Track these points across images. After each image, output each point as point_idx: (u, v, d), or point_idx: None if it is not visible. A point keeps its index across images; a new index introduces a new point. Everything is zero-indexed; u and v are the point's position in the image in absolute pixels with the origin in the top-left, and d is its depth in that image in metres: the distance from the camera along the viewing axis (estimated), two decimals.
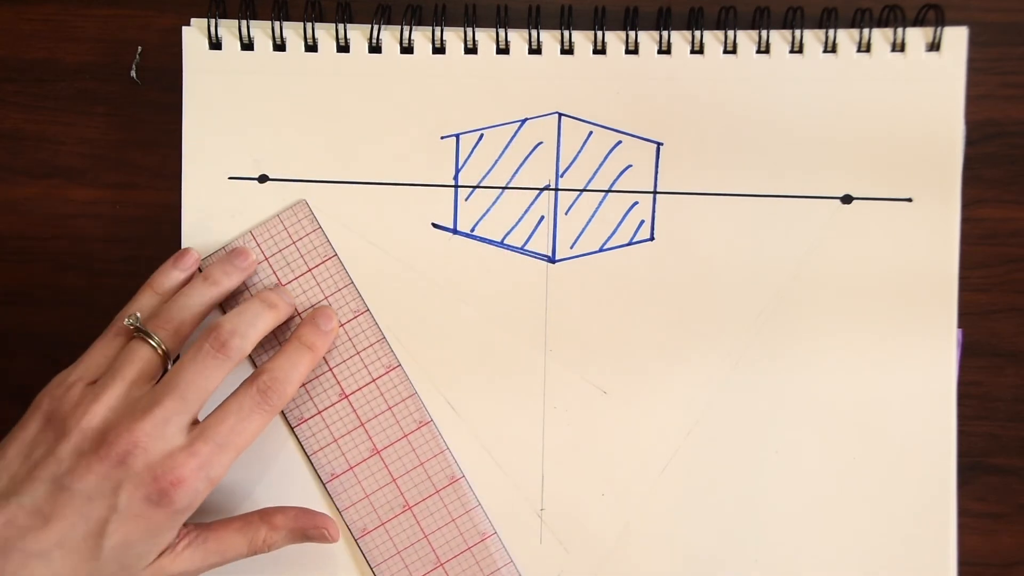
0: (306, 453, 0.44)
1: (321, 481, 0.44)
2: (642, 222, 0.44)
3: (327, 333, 0.43)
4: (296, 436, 0.44)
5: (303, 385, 0.44)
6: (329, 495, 0.44)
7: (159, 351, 0.40)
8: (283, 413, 0.44)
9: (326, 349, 0.43)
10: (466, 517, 0.44)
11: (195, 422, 0.39)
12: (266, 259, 0.44)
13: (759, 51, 0.44)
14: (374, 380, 0.44)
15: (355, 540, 0.44)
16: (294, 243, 0.44)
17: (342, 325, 0.44)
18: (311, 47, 0.44)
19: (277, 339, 0.44)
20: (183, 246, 0.44)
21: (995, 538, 0.45)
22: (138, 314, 0.41)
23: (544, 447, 0.44)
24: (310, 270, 0.44)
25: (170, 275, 0.43)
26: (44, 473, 0.37)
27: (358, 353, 0.44)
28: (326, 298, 0.44)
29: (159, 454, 0.38)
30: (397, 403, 0.44)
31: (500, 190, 0.44)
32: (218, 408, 0.40)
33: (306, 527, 0.42)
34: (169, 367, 0.40)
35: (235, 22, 0.44)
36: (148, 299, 0.42)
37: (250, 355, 0.44)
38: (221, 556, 0.40)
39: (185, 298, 0.41)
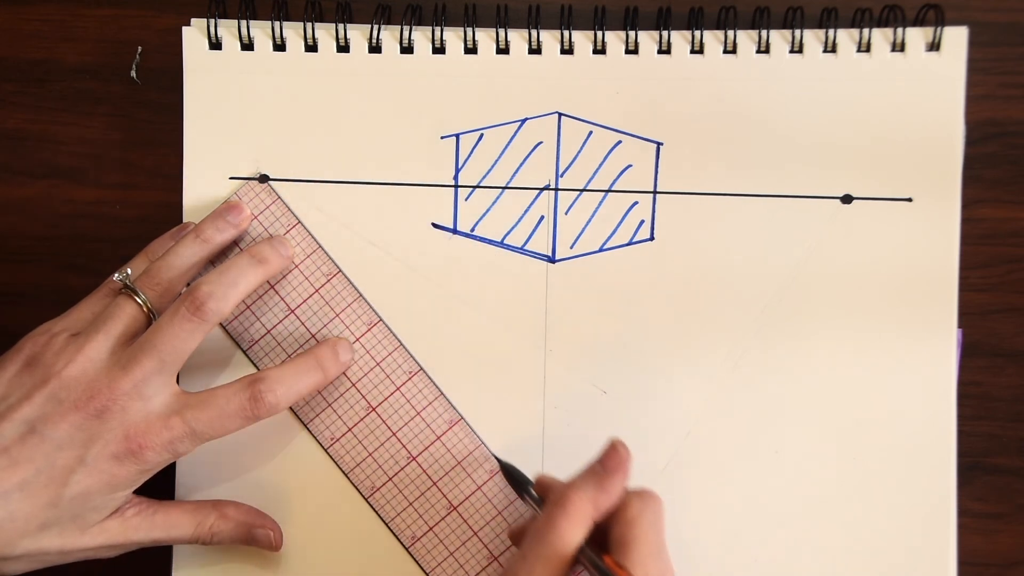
0: (302, 422, 0.44)
1: (322, 448, 0.44)
2: (642, 222, 0.44)
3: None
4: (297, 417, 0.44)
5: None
6: (333, 460, 0.44)
7: (144, 309, 0.40)
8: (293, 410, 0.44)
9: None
10: (471, 457, 0.44)
11: (176, 381, 0.39)
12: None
13: (759, 51, 0.43)
14: (358, 339, 0.44)
15: (365, 499, 0.44)
16: (255, 217, 0.44)
17: (316, 291, 0.44)
18: (311, 47, 0.44)
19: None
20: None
21: (995, 538, 0.45)
22: (129, 271, 0.41)
23: (544, 447, 0.44)
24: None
25: (166, 245, 0.43)
26: (17, 415, 0.37)
27: (337, 315, 0.44)
28: (296, 266, 0.44)
29: (135, 414, 0.38)
30: (384, 358, 0.44)
31: (500, 190, 0.44)
32: (208, 395, 0.39)
33: (254, 524, 0.42)
34: None
35: (235, 22, 0.44)
36: (141, 263, 0.42)
37: (247, 356, 0.44)
38: (166, 532, 0.41)
39: (175, 257, 0.41)
